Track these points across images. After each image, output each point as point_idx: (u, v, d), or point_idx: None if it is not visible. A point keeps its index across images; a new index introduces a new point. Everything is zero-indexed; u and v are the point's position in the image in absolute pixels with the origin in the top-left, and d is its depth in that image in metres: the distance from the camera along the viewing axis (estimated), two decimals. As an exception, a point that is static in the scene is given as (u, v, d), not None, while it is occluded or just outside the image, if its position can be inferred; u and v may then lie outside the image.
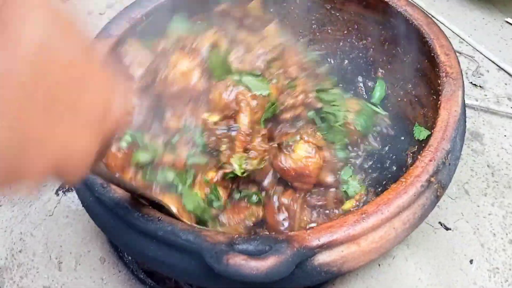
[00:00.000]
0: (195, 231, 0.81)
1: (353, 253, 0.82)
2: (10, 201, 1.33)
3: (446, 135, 0.94)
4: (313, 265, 0.80)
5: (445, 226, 1.24)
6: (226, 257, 0.75)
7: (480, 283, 1.15)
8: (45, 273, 1.19)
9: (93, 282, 1.18)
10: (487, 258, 1.19)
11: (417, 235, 1.21)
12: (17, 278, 1.19)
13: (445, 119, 0.96)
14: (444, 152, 0.91)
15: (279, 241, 0.78)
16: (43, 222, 1.28)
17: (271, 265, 0.74)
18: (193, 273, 0.82)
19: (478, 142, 1.43)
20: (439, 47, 1.09)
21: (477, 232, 1.23)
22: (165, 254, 0.83)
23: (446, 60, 1.06)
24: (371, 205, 0.84)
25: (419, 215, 0.89)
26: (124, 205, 0.86)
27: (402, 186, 0.87)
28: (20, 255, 1.23)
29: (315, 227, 0.82)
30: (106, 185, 0.89)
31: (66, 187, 1.34)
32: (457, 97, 1.00)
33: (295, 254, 0.76)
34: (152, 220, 0.83)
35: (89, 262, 1.21)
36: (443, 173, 0.92)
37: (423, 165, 0.89)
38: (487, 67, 1.64)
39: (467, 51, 1.70)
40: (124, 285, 1.17)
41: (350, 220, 0.82)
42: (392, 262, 1.17)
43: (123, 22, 1.18)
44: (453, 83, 1.02)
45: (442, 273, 1.16)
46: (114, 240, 1.05)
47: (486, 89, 1.57)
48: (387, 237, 0.85)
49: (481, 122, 1.48)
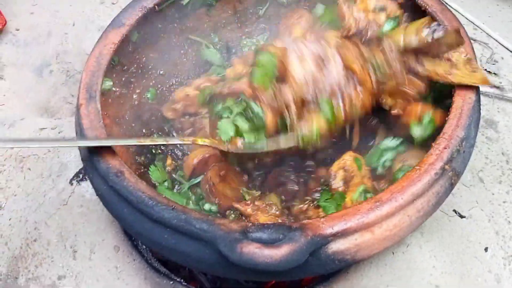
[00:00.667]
0: (209, 220, 0.81)
1: (367, 241, 0.82)
2: (25, 191, 1.34)
3: (461, 123, 0.93)
4: (327, 253, 0.80)
5: (460, 214, 1.23)
6: (240, 245, 0.75)
7: (495, 270, 1.15)
8: (59, 262, 1.20)
9: (107, 271, 1.18)
10: (502, 246, 1.18)
11: (432, 223, 1.21)
12: (32, 267, 1.20)
13: (460, 106, 0.95)
14: (458, 139, 0.91)
15: (293, 229, 0.78)
16: (57, 211, 1.28)
17: (285, 253, 0.74)
18: (207, 261, 0.82)
19: (493, 130, 1.41)
20: (453, 34, 1.08)
21: (492, 220, 1.23)
22: (179, 242, 0.83)
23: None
24: (385, 193, 0.84)
25: (433, 203, 0.88)
26: (137, 194, 0.86)
27: (416, 174, 0.86)
28: (35, 245, 1.23)
29: (328, 215, 0.82)
30: (119, 174, 0.89)
31: (80, 177, 1.34)
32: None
33: (309, 242, 0.76)
34: (166, 208, 0.83)
35: (103, 251, 1.21)
36: (457, 161, 0.91)
37: (437, 153, 0.89)
38: (502, 54, 1.63)
39: (481, 38, 1.69)
40: (138, 273, 1.17)
41: (364, 208, 0.82)
42: (406, 250, 1.17)
43: (136, 11, 1.18)
44: (468, 70, 1.01)
45: (457, 261, 1.16)
46: (128, 229, 1.06)
47: (500, 76, 1.56)
48: (401, 225, 0.84)
49: (496, 110, 1.47)
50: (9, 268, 1.20)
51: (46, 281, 1.18)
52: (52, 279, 1.18)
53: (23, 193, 1.33)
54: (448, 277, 1.13)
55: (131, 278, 1.17)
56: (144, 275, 1.17)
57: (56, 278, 1.18)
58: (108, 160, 0.92)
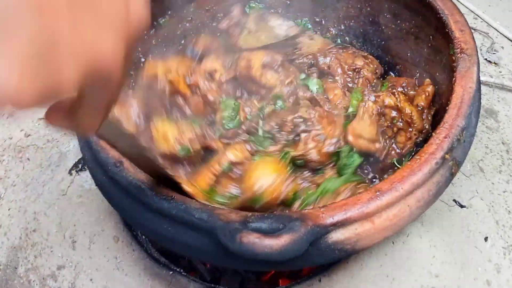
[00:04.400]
0: (209, 210, 0.80)
1: (367, 231, 0.82)
2: (24, 181, 1.33)
3: (461, 112, 0.92)
4: (327, 243, 0.80)
5: (460, 203, 1.23)
6: (239, 235, 0.74)
7: (495, 260, 1.15)
8: (59, 252, 1.20)
9: (107, 261, 1.18)
10: (501, 236, 1.18)
11: (432, 212, 1.21)
12: (31, 258, 1.20)
13: (460, 95, 0.95)
14: (459, 129, 0.90)
15: (293, 219, 0.77)
16: (56, 201, 1.28)
17: (285, 243, 0.73)
18: (206, 251, 0.82)
19: (493, 119, 1.41)
20: (453, 23, 1.07)
21: (492, 209, 1.23)
22: (178, 232, 0.83)
23: (461, 36, 1.05)
24: (385, 183, 0.84)
25: (433, 193, 0.88)
26: (137, 184, 0.85)
27: (417, 164, 0.86)
28: (34, 235, 1.23)
29: (329, 205, 0.81)
30: (119, 164, 0.88)
31: (80, 167, 1.34)
32: (472, 74, 0.98)
33: (309, 232, 0.76)
34: (166, 198, 0.83)
35: (103, 241, 1.21)
36: (458, 150, 0.91)
37: (437, 142, 0.88)
38: (502, 44, 1.62)
39: (481, 27, 1.68)
40: (138, 263, 1.17)
41: (364, 198, 0.82)
42: (406, 240, 1.17)
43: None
44: (468, 60, 1.01)
45: (457, 251, 1.16)
46: (127, 219, 1.06)
47: (501, 66, 1.56)
48: (401, 214, 0.84)
49: (496, 99, 1.46)
50: (8, 258, 1.20)
51: (46, 271, 1.18)
52: (51, 269, 1.18)
53: (22, 183, 1.33)
54: (448, 267, 1.14)
55: (130, 268, 1.17)
56: (144, 265, 1.17)
57: (56, 268, 1.18)
58: (107, 150, 0.91)
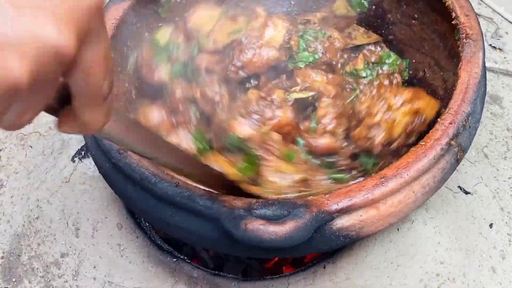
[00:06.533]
0: (213, 197, 0.80)
1: (372, 217, 0.81)
2: (26, 169, 1.33)
3: (467, 98, 0.92)
4: (332, 229, 0.79)
5: (465, 190, 1.23)
6: (244, 222, 0.74)
7: (500, 247, 1.15)
8: (62, 240, 1.20)
9: (110, 248, 1.18)
10: (507, 222, 1.18)
11: (436, 199, 1.20)
12: (34, 245, 1.19)
13: (466, 81, 0.94)
14: (464, 115, 0.90)
15: (298, 205, 0.77)
16: (59, 189, 1.28)
17: (290, 230, 0.73)
18: (211, 238, 0.82)
19: (498, 105, 1.40)
20: (458, 8, 1.06)
21: (497, 196, 1.22)
22: (182, 220, 0.83)
23: (466, 21, 1.04)
24: (391, 169, 0.83)
25: (438, 179, 0.87)
26: (140, 171, 0.85)
27: (422, 150, 0.85)
28: (37, 222, 1.23)
29: (333, 192, 0.81)
30: (122, 151, 0.88)
31: (83, 154, 1.34)
32: (477, 59, 0.98)
33: (313, 218, 0.76)
34: (170, 185, 0.82)
35: (106, 228, 1.21)
36: (463, 136, 0.90)
37: (443, 128, 0.88)
38: (507, 29, 1.61)
39: (486, 13, 1.67)
40: (142, 251, 1.17)
41: (369, 184, 0.81)
42: (411, 226, 1.17)
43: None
44: (473, 45, 1.00)
45: (462, 237, 1.15)
46: (131, 206, 1.05)
47: (505, 52, 1.54)
48: (406, 201, 0.84)
49: (501, 85, 1.45)
50: (11, 245, 1.20)
51: (49, 258, 1.18)
52: (54, 257, 1.18)
53: (24, 171, 1.33)
54: (453, 253, 1.13)
55: (134, 256, 1.17)
56: (147, 253, 1.17)
57: (59, 256, 1.18)
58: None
